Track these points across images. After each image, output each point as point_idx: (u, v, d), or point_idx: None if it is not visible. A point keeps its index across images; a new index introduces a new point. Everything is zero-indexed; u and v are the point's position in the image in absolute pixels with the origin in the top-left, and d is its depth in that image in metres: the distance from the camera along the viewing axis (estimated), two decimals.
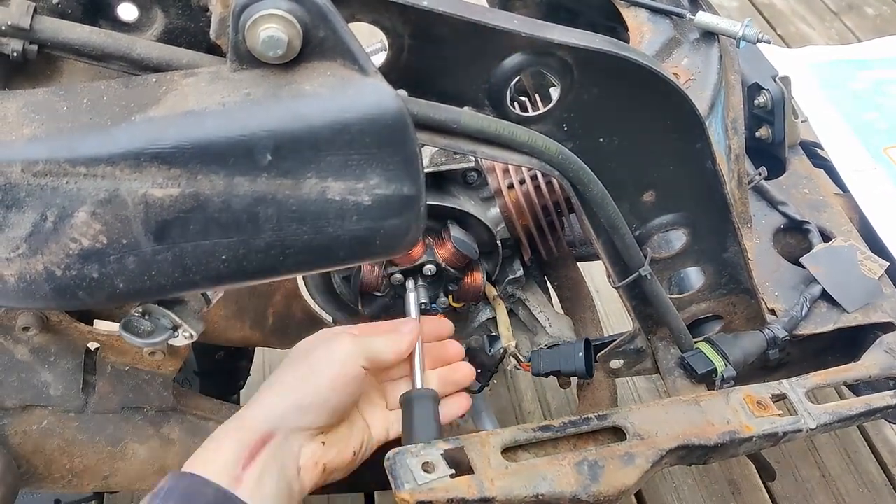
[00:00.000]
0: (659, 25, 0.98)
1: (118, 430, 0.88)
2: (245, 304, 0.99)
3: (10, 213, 0.58)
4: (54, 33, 0.61)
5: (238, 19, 0.57)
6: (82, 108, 0.59)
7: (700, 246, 0.85)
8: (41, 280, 0.60)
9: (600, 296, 1.58)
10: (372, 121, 0.59)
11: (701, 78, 0.95)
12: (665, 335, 0.92)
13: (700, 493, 1.43)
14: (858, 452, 1.49)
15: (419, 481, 0.70)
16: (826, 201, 1.14)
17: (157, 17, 0.71)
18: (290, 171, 0.59)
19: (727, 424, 0.80)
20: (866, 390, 0.93)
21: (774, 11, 2.73)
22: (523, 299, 1.02)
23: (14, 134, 0.58)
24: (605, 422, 0.78)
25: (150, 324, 0.72)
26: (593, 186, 0.74)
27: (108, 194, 0.57)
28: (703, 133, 0.76)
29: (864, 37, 2.53)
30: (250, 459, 0.71)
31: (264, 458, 0.71)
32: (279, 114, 0.58)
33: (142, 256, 0.60)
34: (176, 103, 0.58)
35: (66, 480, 0.90)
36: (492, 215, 0.95)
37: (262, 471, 0.71)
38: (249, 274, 0.63)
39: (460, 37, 0.66)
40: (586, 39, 0.68)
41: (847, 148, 1.29)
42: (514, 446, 0.76)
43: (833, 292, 0.99)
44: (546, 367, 0.95)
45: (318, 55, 0.59)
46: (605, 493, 0.73)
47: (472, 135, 0.67)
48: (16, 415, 0.85)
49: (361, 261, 0.66)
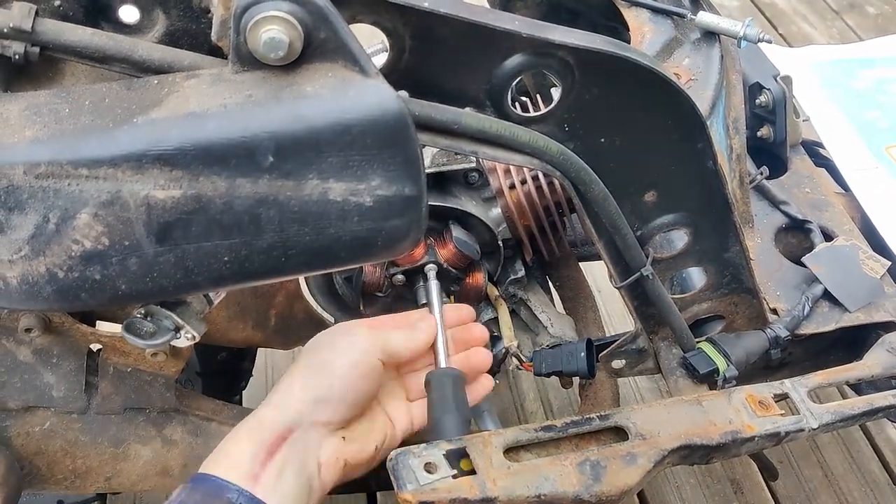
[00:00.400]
0: (660, 25, 0.98)
1: (121, 431, 0.88)
2: (247, 304, 0.99)
3: (12, 215, 0.58)
4: (56, 35, 0.61)
5: (239, 21, 0.57)
6: (84, 110, 0.59)
7: (702, 246, 0.85)
8: (43, 282, 0.60)
9: (602, 296, 1.58)
10: (373, 122, 0.59)
11: (702, 78, 0.95)
12: (667, 335, 0.92)
13: (702, 493, 1.43)
14: (861, 452, 1.49)
15: (421, 482, 0.70)
16: (828, 200, 1.14)
17: (158, 19, 0.71)
18: (291, 173, 0.59)
19: (729, 424, 0.80)
20: (868, 390, 0.93)
21: (776, 11, 2.73)
22: (525, 299, 1.02)
23: (16, 136, 0.58)
24: (608, 422, 0.78)
25: (152, 325, 0.72)
26: (595, 186, 0.74)
27: (111, 196, 0.58)
28: (705, 133, 0.76)
29: (866, 36, 2.53)
30: (269, 457, 0.70)
31: (283, 454, 0.71)
32: (281, 115, 0.58)
33: (144, 258, 0.60)
34: (178, 105, 0.58)
35: (69, 482, 0.90)
36: (493, 216, 0.95)
37: (280, 468, 0.70)
38: (251, 275, 0.63)
39: (461, 38, 0.66)
40: (587, 40, 0.68)
41: (849, 147, 1.29)
42: (516, 446, 0.76)
43: (835, 292, 0.99)
44: (548, 368, 0.95)
45: (319, 56, 0.59)
46: (607, 493, 0.73)
47: (473, 135, 0.67)
48: (18, 416, 0.85)
49: (363, 262, 0.67)
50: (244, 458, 0.69)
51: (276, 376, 1.60)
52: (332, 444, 0.75)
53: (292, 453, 0.71)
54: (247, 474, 0.68)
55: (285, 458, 0.70)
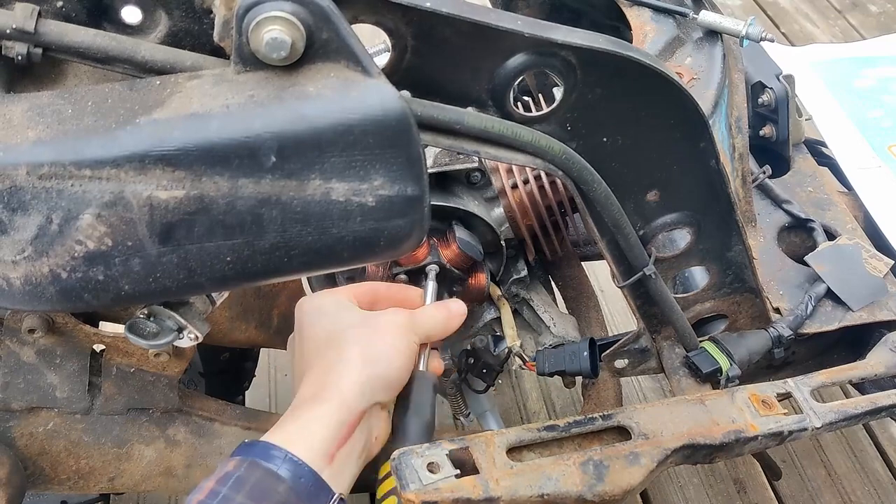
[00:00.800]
0: (662, 24, 0.98)
1: (124, 432, 0.89)
2: (250, 305, 0.99)
3: (15, 215, 0.58)
4: (59, 36, 0.61)
5: (241, 21, 0.57)
6: (87, 110, 0.59)
7: (704, 245, 0.85)
8: (47, 282, 0.60)
9: (605, 295, 1.58)
10: (375, 122, 0.59)
11: (704, 77, 0.95)
12: (670, 334, 0.92)
13: (705, 492, 1.43)
14: (864, 451, 1.49)
15: (424, 481, 0.70)
16: (830, 199, 1.14)
17: (160, 19, 0.71)
18: (294, 173, 0.59)
19: (732, 423, 0.80)
20: (872, 389, 0.93)
21: (778, 9, 2.72)
22: (528, 299, 1.02)
23: (19, 137, 0.58)
24: (610, 421, 0.78)
25: (155, 325, 0.72)
26: (597, 186, 0.74)
27: (113, 196, 0.58)
28: (707, 132, 0.75)
29: (869, 34, 2.53)
30: (347, 438, 0.71)
31: (356, 436, 0.72)
32: (283, 115, 0.58)
33: (147, 258, 0.60)
34: (180, 105, 0.58)
35: (73, 482, 0.90)
36: (496, 215, 0.95)
37: (351, 449, 0.71)
38: (254, 275, 0.63)
39: (463, 37, 0.66)
40: (589, 39, 0.68)
41: (851, 146, 1.29)
42: (519, 446, 0.76)
43: (838, 290, 0.99)
44: (551, 367, 0.95)
45: (321, 57, 0.59)
46: (610, 492, 0.73)
47: (475, 135, 0.67)
48: (22, 417, 0.85)
49: (365, 261, 0.66)
50: (323, 438, 0.69)
51: (279, 376, 1.60)
52: (382, 419, 0.77)
53: (361, 433, 0.73)
54: (323, 453, 0.69)
55: (356, 440, 0.72)
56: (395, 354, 0.75)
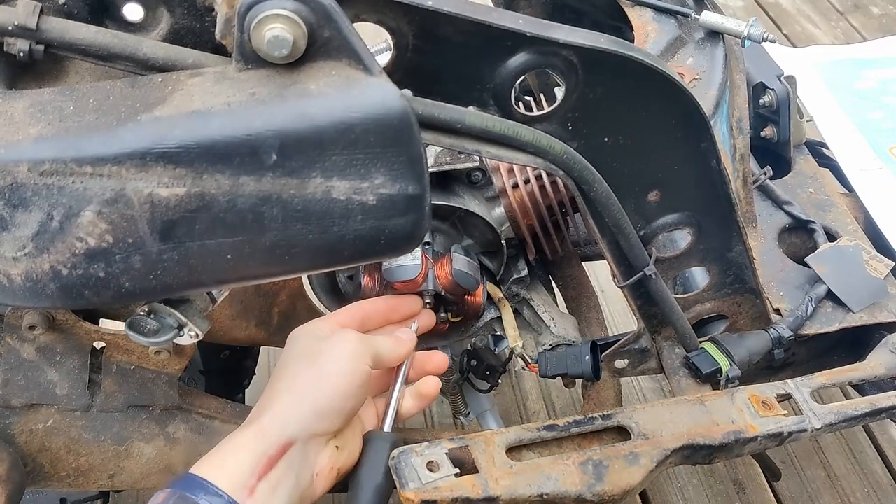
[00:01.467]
0: (664, 25, 0.99)
1: (124, 429, 0.89)
2: (250, 303, 0.99)
3: (16, 212, 0.58)
4: (61, 33, 0.62)
5: (243, 19, 0.57)
6: (88, 107, 0.59)
7: (705, 245, 0.85)
8: (47, 279, 0.60)
9: (605, 295, 1.58)
10: (377, 120, 0.59)
11: (706, 77, 0.95)
12: (670, 335, 0.92)
13: (705, 493, 1.43)
14: (864, 452, 1.49)
15: (424, 480, 0.70)
16: (831, 201, 1.14)
17: (162, 17, 0.71)
18: (295, 171, 0.59)
19: (732, 424, 0.80)
20: (872, 390, 0.93)
21: (780, 11, 2.73)
22: (528, 299, 1.02)
23: (21, 134, 0.58)
24: (610, 421, 0.78)
25: (155, 323, 0.72)
26: (598, 186, 0.74)
27: (114, 194, 0.58)
28: (709, 132, 0.75)
29: (870, 36, 2.53)
30: (267, 470, 0.69)
31: (282, 468, 0.69)
32: (284, 113, 0.58)
33: (147, 256, 0.60)
34: (182, 103, 0.58)
35: (72, 479, 0.90)
36: (496, 215, 0.95)
37: (277, 482, 0.69)
38: (254, 273, 0.63)
39: (465, 36, 0.66)
40: (591, 39, 0.68)
41: (852, 147, 1.29)
42: (518, 446, 0.76)
43: (838, 292, 0.99)
44: (553, 370, 0.95)
45: (323, 55, 0.59)
46: (609, 492, 0.73)
47: (476, 134, 0.67)
48: (22, 413, 0.85)
49: (366, 260, 0.66)
50: (243, 469, 0.68)
51: None
52: (327, 454, 0.74)
53: (290, 467, 0.70)
54: (242, 485, 0.67)
55: (282, 472, 0.70)
56: (335, 381, 0.73)
